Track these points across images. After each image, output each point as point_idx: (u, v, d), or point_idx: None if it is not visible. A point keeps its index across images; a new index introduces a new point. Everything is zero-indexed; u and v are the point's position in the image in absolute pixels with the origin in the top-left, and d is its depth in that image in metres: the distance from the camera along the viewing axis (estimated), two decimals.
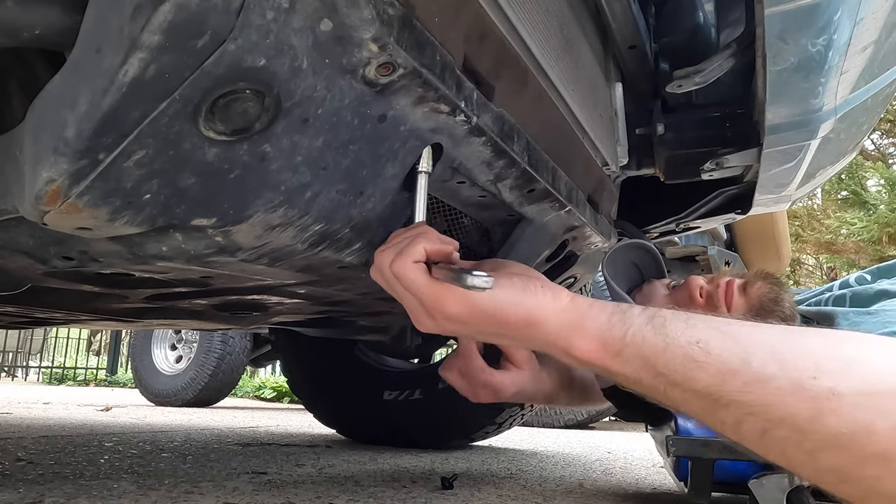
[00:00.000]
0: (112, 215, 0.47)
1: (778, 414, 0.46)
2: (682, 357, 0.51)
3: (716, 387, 0.49)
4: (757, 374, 0.47)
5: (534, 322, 0.59)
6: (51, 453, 1.58)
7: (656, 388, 0.53)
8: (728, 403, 0.48)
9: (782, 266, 3.91)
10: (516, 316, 0.59)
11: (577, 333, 0.57)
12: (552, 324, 0.58)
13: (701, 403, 0.50)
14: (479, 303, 0.59)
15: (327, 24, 0.47)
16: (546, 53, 0.80)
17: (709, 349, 0.50)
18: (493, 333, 0.62)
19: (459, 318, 0.59)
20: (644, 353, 0.53)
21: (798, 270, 12.70)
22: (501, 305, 0.59)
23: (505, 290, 0.59)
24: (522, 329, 0.59)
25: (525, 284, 0.60)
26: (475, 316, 0.59)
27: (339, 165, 0.57)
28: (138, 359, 4.39)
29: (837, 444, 0.44)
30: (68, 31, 0.42)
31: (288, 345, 2.27)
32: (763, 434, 0.47)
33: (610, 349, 0.55)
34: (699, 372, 0.50)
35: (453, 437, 2.08)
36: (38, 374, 8.88)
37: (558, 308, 0.58)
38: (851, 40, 0.86)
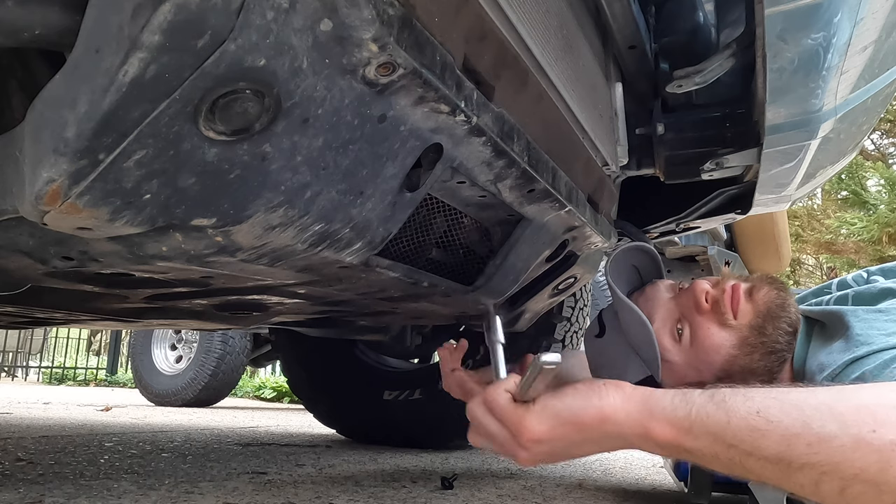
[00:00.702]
0: (112, 215, 0.47)
1: (849, 471, 0.49)
2: (746, 428, 0.55)
3: (784, 452, 0.52)
4: (819, 435, 0.50)
5: (607, 418, 0.64)
6: (51, 453, 1.58)
7: (733, 461, 0.56)
8: (801, 467, 0.51)
9: (782, 266, 3.91)
10: (591, 416, 0.64)
11: (650, 420, 0.61)
12: (623, 415, 0.63)
13: (776, 470, 0.53)
14: (557, 412, 0.65)
15: (327, 24, 0.47)
16: (546, 53, 0.80)
17: (769, 417, 0.54)
18: (577, 442, 0.66)
19: (544, 436, 0.66)
20: (711, 429, 0.57)
21: (798, 270, 12.70)
22: (576, 410, 0.65)
23: (574, 396, 0.66)
24: (599, 427, 0.64)
25: (589, 387, 0.66)
26: (556, 428, 0.65)
27: (339, 165, 0.57)
28: (138, 359, 4.39)
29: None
30: (68, 31, 0.42)
31: (288, 345, 2.27)
32: (842, 492, 0.50)
33: (680, 429, 0.59)
34: (765, 440, 0.53)
35: (453, 437, 2.08)
36: (38, 374, 8.87)
37: (625, 399, 0.64)
38: (851, 40, 0.86)
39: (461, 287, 0.97)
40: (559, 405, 0.66)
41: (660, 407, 0.61)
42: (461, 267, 1.01)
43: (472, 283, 0.99)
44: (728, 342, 0.88)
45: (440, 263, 0.98)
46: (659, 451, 0.63)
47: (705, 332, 0.88)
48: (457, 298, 1.00)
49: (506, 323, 1.25)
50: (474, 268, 1.01)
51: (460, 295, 0.98)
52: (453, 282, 0.96)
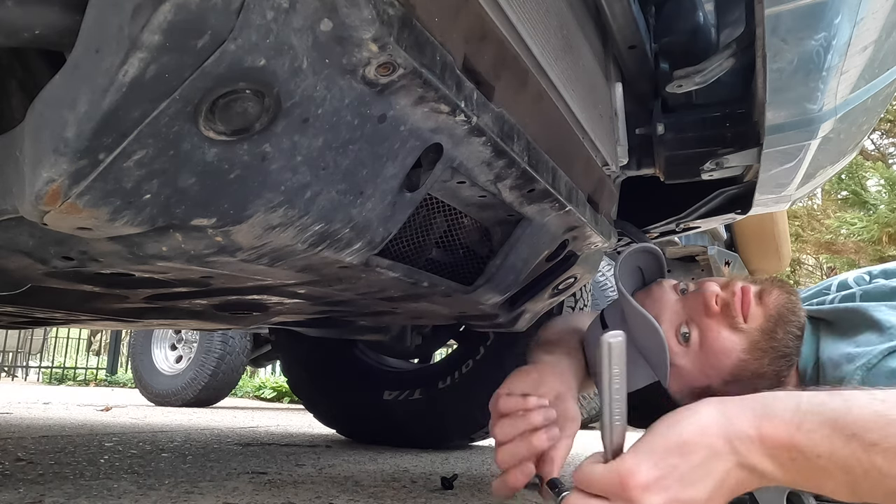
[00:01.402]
0: (112, 215, 0.47)
1: None
2: (871, 413, 0.49)
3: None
4: None
5: (707, 429, 0.58)
6: (51, 453, 1.58)
7: (854, 457, 0.50)
8: None
9: (782, 266, 3.91)
10: (691, 432, 0.59)
11: (757, 419, 0.56)
12: (725, 421, 0.58)
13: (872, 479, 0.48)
14: (652, 445, 0.59)
15: (327, 24, 0.47)
16: (546, 53, 0.80)
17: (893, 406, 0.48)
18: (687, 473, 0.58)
19: (651, 477, 0.58)
20: (827, 417, 0.52)
21: (798, 270, 12.69)
22: (671, 434, 0.59)
23: (664, 424, 0.61)
24: (701, 438, 0.58)
25: (675, 412, 0.62)
26: (659, 463, 0.58)
27: (339, 165, 0.57)
28: (138, 359, 4.39)
29: None
30: (68, 31, 0.42)
31: (288, 345, 2.27)
32: None
33: (791, 424, 0.54)
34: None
35: (453, 437, 2.08)
36: (38, 374, 8.87)
37: (721, 406, 0.59)
38: (851, 40, 0.86)
39: (461, 287, 0.97)
40: (651, 439, 0.60)
41: (762, 405, 0.56)
42: (461, 267, 1.01)
43: (472, 283, 0.99)
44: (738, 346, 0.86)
45: (440, 263, 0.98)
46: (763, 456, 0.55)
47: (715, 336, 0.86)
48: (457, 298, 1.00)
49: (506, 323, 1.25)
50: (474, 268, 1.02)
51: (460, 295, 0.98)
52: (453, 282, 0.96)
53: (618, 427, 0.62)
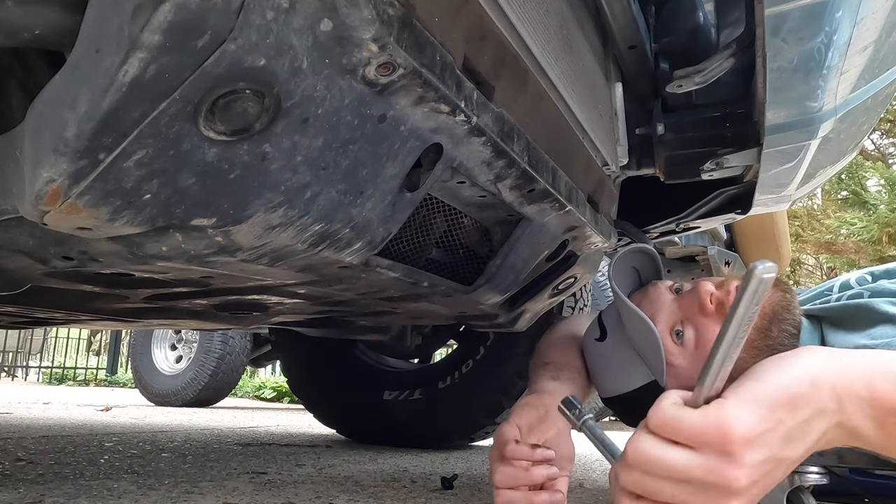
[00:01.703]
0: (112, 215, 0.47)
1: None
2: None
3: None
4: None
5: (821, 380, 0.53)
6: (51, 453, 1.58)
7: None
8: None
9: (782, 266, 3.91)
10: (802, 382, 0.53)
11: (873, 377, 0.51)
12: (833, 374, 0.53)
13: None
14: (759, 394, 0.52)
15: (327, 24, 0.47)
16: (546, 53, 0.80)
17: None
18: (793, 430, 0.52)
19: (756, 430, 0.51)
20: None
21: (798, 270, 12.69)
22: (781, 384, 0.53)
23: (770, 371, 0.55)
24: (813, 392, 0.52)
25: (782, 358, 0.57)
26: (766, 417, 0.51)
27: (339, 165, 0.57)
28: (138, 359, 4.39)
29: None
30: (68, 31, 0.42)
31: (288, 345, 2.27)
32: None
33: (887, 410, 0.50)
34: None
35: (453, 437, 2.08)
36: (38, 374, 8.87)
37: (829, 358, 0.53)
38: (851, 40, 0.86)
39: (461, 287, 0.97)
40: (755, 386, 0.52)
41: (876, 361, 0.51)
42: (461, 267, 1.01)
43: (472, 283, 0.99)
44: None
45: (440, 263, 0.98)
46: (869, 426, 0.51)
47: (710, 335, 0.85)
48: (457, 298, 1.00)
49: (506, 323, 1.25)
50: (474, 268, 1.02)
51: (460, 295, 0.98)
52: (453, 282, 0.96)
53: (725, 371, 0.54)
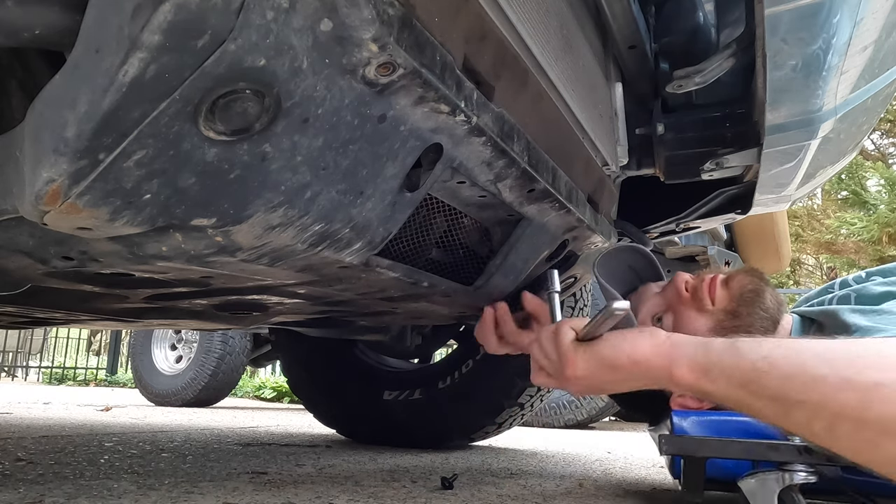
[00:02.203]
0: (112, 215, 0.47)
1: (834, 409, 0.53)
2: (752, 370, 0.61)
3: (782, 391, 0.57)
4: (812, 376, 0.55)
5: (638, 361, 0.71)
6: (51, 453, 1.58)
7: (743, 401, 0.62)
8: (794, 405, 0.57)
9: (782, 266, 3.91)
10: (624, 358, 0.72)
11: (674, 364, 0.68)
12: (653, 360, 0.70)
13: (776, 408, 0.59)
14: (598, 356, 0.74)
15: (327, 24, 0.47)
16: (546, 53, 0.80)
17: (772, 361, 0.59)
18: (609, 381, 0.75)
19: (583, 375, 0.75)
20: (726, 372, 0.63)
21: (798, 270, 12.69)
22: (612, 352, 0.73)
23: (612, 340, 0.74)
24: (630, 368, 0.72)
25: (625, 333, 0.74)
26: (594, 370, 0.74)
27: (339, 165, 0.57)
28: (138, 359, 4.39)
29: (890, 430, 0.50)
30: (68, 31, 0.42)
31: (288, 345, 2.27)
32: (830, 430, 0.54)
33: (700, 372, 0.66)
34: (767, 380, 0.59)
35: (453, 437, 2.08)
36: (38, 374, 8.87)
37: (655, 345, 0.70)
38: (851, 40, 0.86)
39: (461, 287, 0.97)
40: (600, 350, 0.74)
41: (683, 353, 0.68)
42: (461, 267, 1.01)
43: (472, 283, 0.99)
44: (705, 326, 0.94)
45: (440, 263, 0.98)
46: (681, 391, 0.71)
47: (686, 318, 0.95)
48: (457, 298, 1.00)
49: None
50: (474, 268, 1.02)
51: (460, 295, 0.98)
52: (453, 282, 0.96)
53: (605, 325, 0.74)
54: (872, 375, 0.52)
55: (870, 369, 0.52)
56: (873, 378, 0.52)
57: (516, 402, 1.92)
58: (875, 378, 0.52)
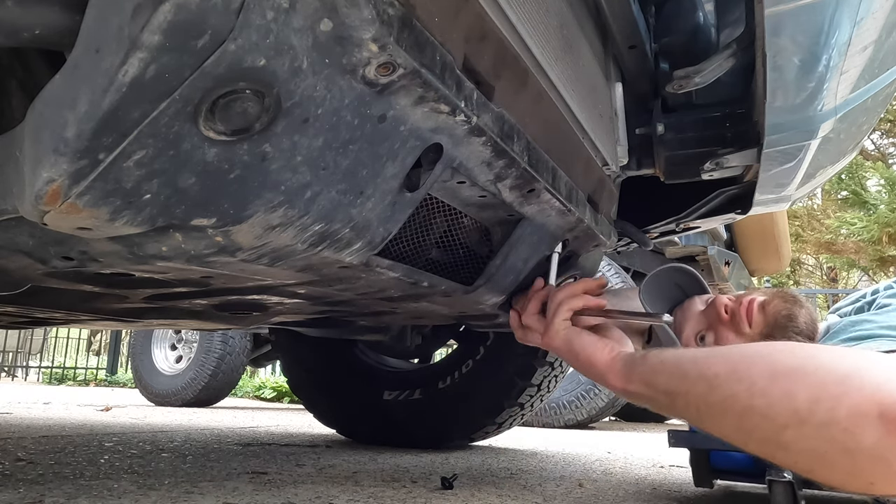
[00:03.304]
0: (112, 215, 0.47)
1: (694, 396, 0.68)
2: (651, 372, 0.77)
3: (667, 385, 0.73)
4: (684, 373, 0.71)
5: (592, 364, 0.87)
6: (51, 453, 1.58)
7: (653, 397, 0.77)
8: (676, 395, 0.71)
9: (782, 266, 3.92)
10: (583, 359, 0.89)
11: (610, 373, 0.85)
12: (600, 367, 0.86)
13: (667, 400, 0.74)
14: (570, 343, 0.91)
15: (327, 24, 0.47)
16: (546, 53, 0.80)
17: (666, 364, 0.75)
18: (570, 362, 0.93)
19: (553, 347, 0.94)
20: (639, 376, 0.79)
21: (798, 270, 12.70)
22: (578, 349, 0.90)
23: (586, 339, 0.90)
24: (585, 366, 0.89)
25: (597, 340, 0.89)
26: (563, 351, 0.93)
27: (339, 165, 0.57)
28: (138, 359, 4.39)
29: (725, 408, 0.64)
30: (68, 31, 0.42)
31: (288, 345, 2.27)
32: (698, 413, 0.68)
33: (624, 378, 0.82)
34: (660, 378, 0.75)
35: (453, 437, 2.08)
36: (38, 374, 8.88)
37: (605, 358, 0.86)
38: (851, 40, 0.86)
39: (461, 287, 0.97)
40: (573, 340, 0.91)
41: (617, 364, 0.84)
42: (461, 267, 1.01)
43: (472, 283, 0.99)
44: None
45: (440, 263, 0.98)
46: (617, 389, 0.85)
47: (723, 339, 1.03)
48: (457, 298, 1.00)
49: (506, 323, 1.25)
50: (474, 268, 1.01)
51: (460, 295, 0.98)
52: (453, 282, 0.96)
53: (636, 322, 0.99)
54: (713, 369, 0.67)
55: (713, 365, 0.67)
56: (713, 370, 0.66)
57: (516, 402, 1.92)
58: (714, 370, 0.66)
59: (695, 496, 1.39)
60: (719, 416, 0.66)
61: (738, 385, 0.63)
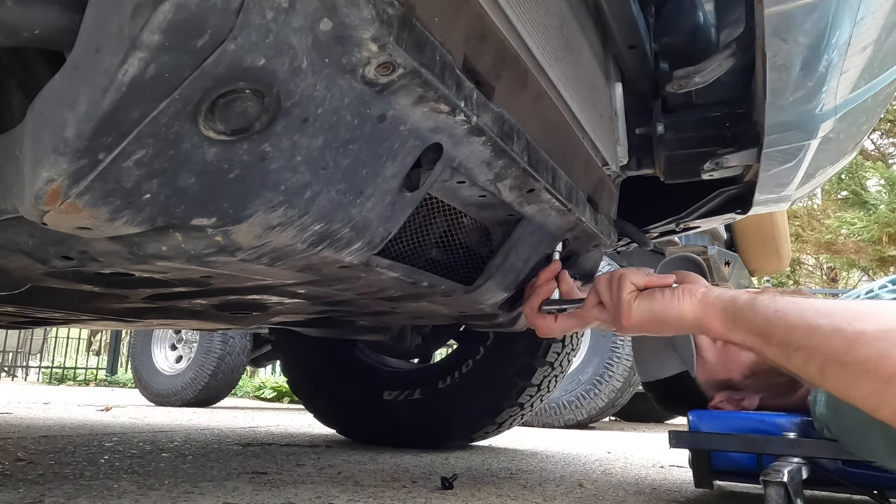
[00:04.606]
0: (112, 215, 0.47)
1: (825, 352, 0.64)
2: (764, 322, 0.73)
3: (787, 338, 0.69)
4: (810, 326, 0.67)
5: (682, 317, 0.84)
6: (51, 453, 1.58)
7: (758, 347, 0.74)
8: (796, 349, 0.68)
9: (782, 266, 3.92)
10: (671, 316, 0.85)
11: (707, 318, 0.81)
12: (691, 316, 0.83)
13: (782, 353, 0.70)
14: (650, 310, 0.87)
15: (327, 24, 0.47)
16: (546, 53, 0.80)
17: (781, 315, 0.71)
18: (656, 330, 0.89)
19: (636, 323, 0.89)
20: (746, 324, 0.75)
21: (798, 270, 12.69)
22: (662, 310, 0.86)
23: (661, 300, 0.87)
24: (675, 323, 0.86)
25: (671, 293, 0.86)
26: (646, 321, 0.88)
27: (339, 165, 0.57)
28: (138, 359, 4.39)
29: (867, 369, 0.60)
30: (68, 31, 0.42)
31: (288, 345, 2.27)
32: (822, 371, 0.65)
33: (726, 324, 0.79)
34: (776, 330, 0.70)
35: (453, 437, 2.08)
36: (38, 374, 8.88)
37: (694, 304, 0.83)
38: (851, 40, 0.86)
39: (461, 287, 0.97)
40: (654, 307, 0.87)
41: (714, 310, 0.80)
42: (461, 267, 1.01)
43: (472, 283, 0.99)
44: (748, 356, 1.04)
45: (440, 263, 0.98)
46: (716, 338, 0.87)
47: None
48: (457, 298, 1.00)
49: (506, 323, 1.25)
50: (474, 268, 1.02)
51: (460, 295, 0.98)
52: (453, 282, 0.96)
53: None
54: (857, 325, 0.62)
55: (857, 321, 0.63)
56: (858, 328, 0.62)
57: (516, 402, 1.92)
58: (859, 328, 0.62)
59: (695, 496, 1.39)
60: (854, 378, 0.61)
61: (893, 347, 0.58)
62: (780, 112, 0.98)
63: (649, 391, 1.27)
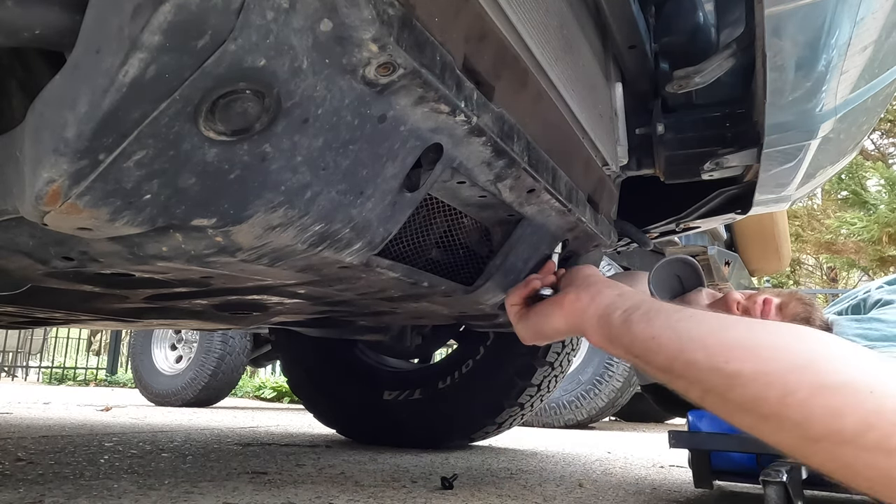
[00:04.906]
0: (112, 215, 0.47)
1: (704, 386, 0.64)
2: (643, 349, 0.71)
3: (664, 366, 0.68)
4: (688, 361, 0.66)
5: (558, 330, 0.83)
6: (51, 453, 1.58)
7: (640, 366, 0.73)
8: (676, 377, 0.67)
9: (782, 266, 3.92)
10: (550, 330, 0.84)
11: (584, 331, 0.79)
12: (566, 328, 0.81)
13: (663, 377, 0.69)
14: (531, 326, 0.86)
15: (327, 25, 0.47)
16: (546, 53, 0.80)
17: (659, 343, 0.69)
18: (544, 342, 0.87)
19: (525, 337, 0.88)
20: (624, 345, 0.74)
21: (798, 270, 12.70)
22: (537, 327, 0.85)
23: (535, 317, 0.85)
24: (561, 334, 0.83)
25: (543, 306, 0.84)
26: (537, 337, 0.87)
27: (339, 165, 0.57)
28: (138, 359, 4.39)
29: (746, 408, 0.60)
30: (68, 31, 0.42)
31: (288, 345, 2.27)
32: (702, 400, 0.65)
33: (604, 340, 0.77)
34: (652, 356, 0.69)
35: (453, 437, 2.08)
36: (38, 374, 8.88)
37: (563, 316, 0.81)
38: (851, 40, 0.86)
39: (461, 287, 0.97)
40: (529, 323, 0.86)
41: (590, 322, 0.79)
42: (461, 267, 1.01)
43: (473, 283, 0.99)
44: None
45: (440, 263, 0.98)
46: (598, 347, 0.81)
47: None
48: (457, 298, 1.00)
49: (506, 323, 1.25)
50: (474, 268, 1.01)
51: (460, 295, 0.98)
52: (453, 282, 0.96)
53: None
54: (735, 365, 0.61)
55: (734, 360, 0.61)
56: (735, 368, 0.61)
57: (516, 402, 1.93)
58: (736, 368, 0.61)
59: (695, 496, 1.39)
60: (734, 412, 0.61)
61: (769, 390, 0.57)
62: (780, 112, 0.98)
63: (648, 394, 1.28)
